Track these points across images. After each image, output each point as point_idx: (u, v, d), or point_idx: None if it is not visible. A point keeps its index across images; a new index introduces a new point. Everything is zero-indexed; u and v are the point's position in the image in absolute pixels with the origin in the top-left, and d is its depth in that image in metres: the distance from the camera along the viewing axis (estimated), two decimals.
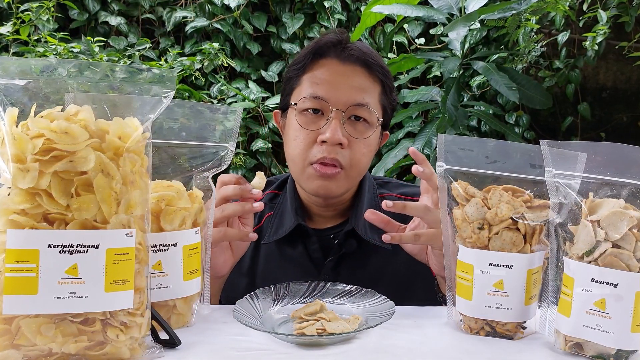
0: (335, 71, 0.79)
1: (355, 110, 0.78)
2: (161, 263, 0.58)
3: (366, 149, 0.81)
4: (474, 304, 0.60)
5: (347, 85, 0.79)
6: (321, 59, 0.81)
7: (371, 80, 0.81)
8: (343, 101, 0.78)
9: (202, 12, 2.23)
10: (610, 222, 0.52)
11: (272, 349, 0.55)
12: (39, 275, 0.45)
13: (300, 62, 0.82)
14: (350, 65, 0.80)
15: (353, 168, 0.80)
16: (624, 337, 0.51)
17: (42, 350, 0.45)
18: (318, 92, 0.78)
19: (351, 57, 0.80)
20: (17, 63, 0.48)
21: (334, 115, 0.77)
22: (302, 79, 0.81)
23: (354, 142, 0.79)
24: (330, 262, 0.83)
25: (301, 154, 0.79)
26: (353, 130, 0.79)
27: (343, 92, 0.78)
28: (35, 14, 1.80)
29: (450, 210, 0.63)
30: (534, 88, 1.81)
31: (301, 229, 0.85)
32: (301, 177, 0.81)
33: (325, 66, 0.80)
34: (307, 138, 0.79)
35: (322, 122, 0.78)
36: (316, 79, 0.79)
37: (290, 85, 0.84)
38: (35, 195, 0.45)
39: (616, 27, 2.14)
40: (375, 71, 0.81)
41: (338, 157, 0.77)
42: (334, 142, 0.76)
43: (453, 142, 0.63)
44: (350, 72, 0.79)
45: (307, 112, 0.79)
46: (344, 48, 0.80)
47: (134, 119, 0.51)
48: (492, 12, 1.64)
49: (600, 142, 0.56)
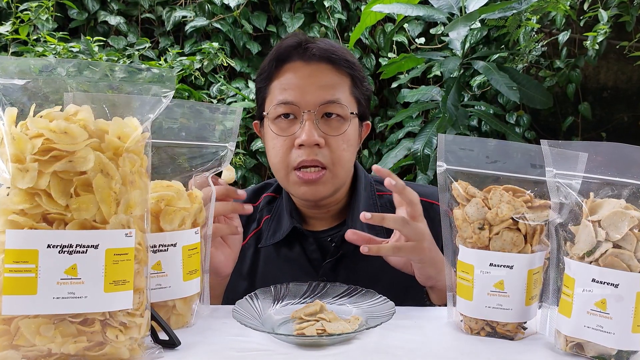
0: (301, 74, 0.79)
1: (326, 108, 0.79)
2: (161, 263, 0.58)
3: (345, 143, 0.80)
4: (474, 304, 0.60)
5: (314, 85, 0.79)
6: (285, 64, 0.81)
7: (338, 75, 0.81)
8: (313, 102, 0.78)
9: (201, 11, 2.23)
10: (611, 222, 0.52)
11: (272, 349, 0.54)
12: (38, 276, 0.45)
13: (266, 71, 0.82)
14: (315, 64, 0.80)
15: (336, 165, 0.80)
16: (625, 337, 0.51)
17: (42, 350, 0.45)
18: (287, 97, 0.78)
19: (314, 56, 0.79)
20: (16, 63, 0.48)
21: (306, 117, 0.77)
22: (270, 87, 0.82)
23: (331, 139, 0.79)
24: (328, 264, 0.83)
25: (281, 161, 0.80)
26: (328, 127, 0.79)
27: (312, 93, 0.78)
28: (35, 14, 1.80)
29: (451, 210, 0.63)
30: (535, 88, 1.80)
31: (297, 232, 0.85)
32: (287, 184, 0.82)
33: (290, 70, 0.80)
34: (285, 144, 0.79)
35: (296, 126, 0.79)
36: (283, 85, 0.80)
37: (261, 96, 0.84)
38: (35, 195, 0.45)
39: (617, 27, 2.13)
40: (341, 66, 0.81)
41: (318, 157, 0.78)
42: (311, 143, 0.77)
43: (453, 142, 0.63)
44: (315, 72, 0.79)
45: (280, 118, 0.80)
46: (306, 49, 0.80)
47: (133, 118, 0.51)
48: (492, 11, 1.64)
49: (601, 142, 0.56)
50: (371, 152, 2.40)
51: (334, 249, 0.84)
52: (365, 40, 2.35)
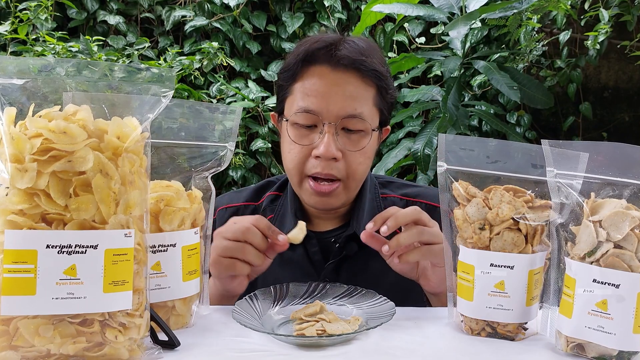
0: (327, 81, 0.76)
1: (348, 123, 0.77)
2: (160, 264, 0.58)
3: (362, 157, 0.79)
4: (474, 304, 0.59)
5: (338, 95, 0.76)
6: (311, 65, 0.78)
7: (364, 86, 0.78)
8: (335, 113, 0.76)
9: (201, 11, 2.23)
10: (612, 223, 0.52)
11: (272, 350, 0.54)
12: (37, 276, 0.45)
13: (291, 70, 0.79)
14: (341, 71, 0.77)
15: (350, 179, 0.79)
16: (626, 338, 0.51)
17: (41, 351, 0.45)
18: (310, 105, 0.76)
19: (342, 62, 0.76)
20: (15, 62, 0.48)
21: (326, 129, 0.75)
22: (294, 87, 0.79)
23: (349, 154, 0.77)
24: (331, 265, 0.83)
25: (296, 167, 0.79)
26: (347, 141, 0.77)
27: (335, 104, 0.76)
28: (34, 13, 1.80)
29: (451, 211, 0.62)
30: (536, 87, 1.80)
31: None
32: (299, 190, 0.81)
33: (316, 75, 0.77)
34: (301, 152, 0.78)
35: (315, 135, 0.77)
36: (307, 90, 0.77)
37: (282, 93, 0.82)
38: (34, 196, 0.45)
39: (618, 26, 2.13)
40: (369, 76, 0.78)
41: (333, 171, 0.77)
42: (328, 157, 0.75)
43: (454, 142, 0.62)
44: (341, 81, 0.76)
45: (299, 125, 0.78)
46: (335, 53, 0.77)
47: (132, 118, 0.51)
48: (493, 11, 1.64)
49: (602, 142, 0.55)
50: None
51: (338, 250, 0.83)
52: None
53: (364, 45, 0.79)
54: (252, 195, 0.91)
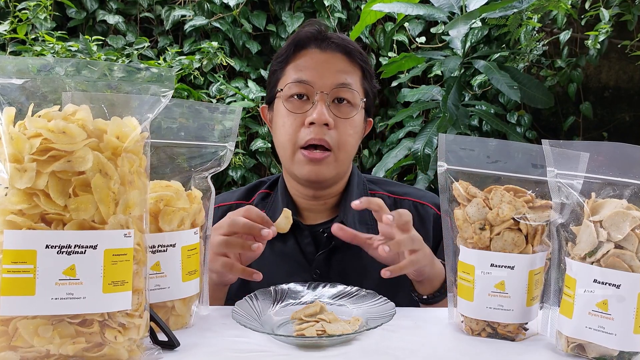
0: (318, 59, 0.84)
1: (339, 92, 0.83)
2: (160, 264, 0.58)
3: (352, 129, 0.84)
4: (475, 305, 0.59)
5: (329, 69, 0.83)
6: (302, 50, 0.85)
7: (352, 66, 0.86)
8: (327, 84, 0.82)
9: (200, 10, 2.22)
10: (613, 223, 0.52)
11: (272, 350, 0.54)
12: (37, 276, 0.45)
13: (283, 55, 0.86)
14: (331, 52, 0.85)
15: (341, 149, 0.83)
16: (627, 338, 0.51)
17: (40, 351, 0.45)
18: (302, 76, 0.83)
19: (331, 45, 0.85)
20: (14, 62, 0.48)
21: (318, 98, 0.81)
22: (286, 69, 0.86)
23: (340, 122, 0.83)
24: (321, 255, 0.85)
25: (290, 138, 0.83)
26: (338, 111, 0.83)
27: (326, 76, 0.82)
28: (33, 13, 1.79)
29: (451, 211, 0.62)
30: (536, 87, 1.80)
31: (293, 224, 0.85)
32: (291, 163, 0.85)
33: (308, 55, 0.85)
34: (295, 122, 0.82)
35: (308, 106, 0.83)
36: (299, 67, 0.84)
37: (275, 77, 0.88)
38: (33, 196, 0.45)
39: (618, 26, 2.13)
40: (355, 57, 0.86)
41: (326, 137, 0.81)
42: (321, 122, 0.80)
43: (454, 141, 0.62)
44: (331, 59, 0.84)
45: (293, 98, 0.83)
46: (324, 38, 0.85)
47: (132, 118, 0.51)
48: (493, 10, 1.64)
49: (602, 141, 0.55)
50: (371, 152, 2.40)
51: (327, 239, 0.85)
52: (365, 39, 2.35)
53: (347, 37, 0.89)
54: (244, 194, 0.94)
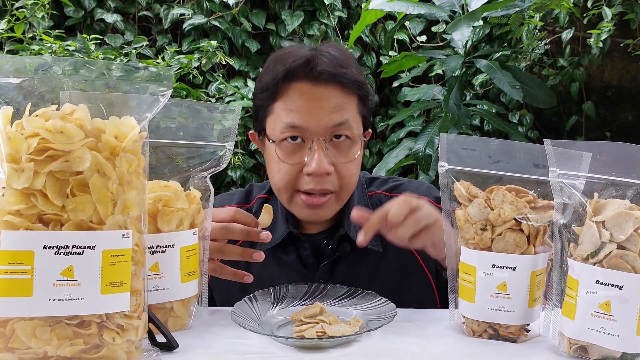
0: (309, 96, 0.75)
1: (336, 131, 0.76)
2: (158, 265, 0.58)
3: (354, 167, 0.79)
4: (476, 306, 0.59)
5: (323, 109, 0.75)
6: (291, 82, 0.76)
7: (346, 96, 0.77)
8: (322, 127, 0.75)
9: (199, 9, 2.22)
10: (616, 223, 0.52)
11: (272, 352, 0.54)
12: (34, 277, 0.44)
13: (270, 89, 0.77)
14: (323, 86, 0.75)
15: (343, 190, 0.79)
16: (629, 340, 0.50)
17: (37, 353, 0.45)
18: (295, 120, 0.75)
19: (322, 77, 0.75)
20: (11, 61, 0.48)
21: (315, 145, 0.74)
22: (274, 106, 0.77)
23: (341, 166, 0.77)
24: (325, 266, 0.83)
25: (287, 185, 0.77)
26: (337, 153, 0.77)
27: (321, 117, 0.75)
28: (30, 11, 1.78)
29: (453, 211, 0.62)
30: (538, 86, 1.79)
31: (292, 236, 0.85)
32: (290, 205, 0.81)
33: (297, 91, 0.75)
34: (292, 170, 0.76)
35: (304, 151, 0.76)
36: (289, 106, 0.75)
37: (262, 113, 0.80)
38: (30, 196, 0.45)
39: (621, 25, 2.12)
40: (350, 86, 0.77)
41: (327, 186, 0.76)
42: (320, 173, 0.75)
43: (455, 141, 0.62)
44: (324, 95, 0.75)
45: (286, 141, 0.76)
46: (314, 68, 0.75)
47: (130, 118, 0.50)
48: (495, 9, 1.63)
49: (605, 141, 0.55)
50: (372, 151, 2.39)
51: (330, 251, 0.83)
52: (365, 38, 2.34)
53: (340, 56, 0.78)
54: (243, 197, 0.91)
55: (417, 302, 0.72)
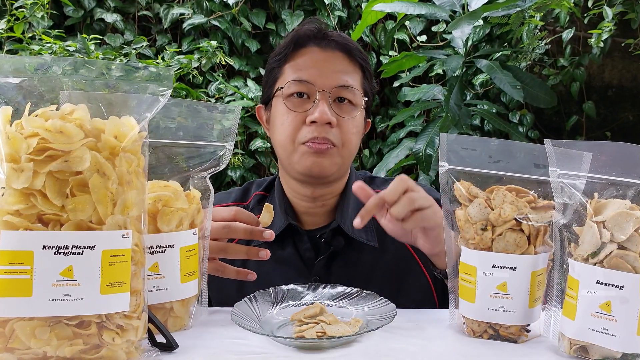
0: (318, 58, 0.82)
1: (341, 92, 0.81)
2: (158, 265, 0.58)
3: (355, 128, 0.83)
4: (477, 306, 0.59)
5: (330, 69, 0.81)
6: (302, 48, 0.83)
7: (352, 65, 0.83)
8: (328, 83, 0.80)
9: (199, 9, 2.21)
10: (616, 223, 0.51)
11: (271, 352, 0.54)
12: (34, 277, 0.44)
13: (282, 53, 0.84)
14: (330, 51, 0.82)
15: (344, 146, 0.82)
16: (630, 340, 0.50)
17: (37, 353, 0.45)
18: (303, 76, 0.80)
19: (331, 43, 0.82)
20: (11, 61, 0.47)
21: (320, 96, 0.79)
22: (284, 68, 0.83)
23: (342, 121, 0.81)
24: (321, 261, 0.83)
25: (290, 136, 0.81)
26: (340, 110, 0.81)
27: (327, 75, 0.80)
28: (30, 11, 1.78)
29: (453, 211, 0.62)
30: (539, 86, 1.79)
31: (292, 229, 0.85)
32: (292, 158, 0.81)
33: (307, 54, 0.82)
34: (295, 120, 0.80)
35: (308, 105, 0.80)
36: (299, 66, 0.82)
37: (272, 76, 0.85)
38: (30, 196, 0.45)
39: (622, 24, 2.11)
40: (356, 56, 0.84)
41: (329, 135, 0.79)
42: (324, 121, 0.78)
43: (456, 141, 0.62)
44: (331, 58, 0.82)
45: (293, 96, 0.81)
46: (324, 36, 0.83)
47: (130, 117, 0.50)
48: (495, 9, 1.63)
49: (605, 141, 0.55)
50: (372, 151, 2.39)
51: (325, 245, 0.84)
52: (366, 38, 2.34)
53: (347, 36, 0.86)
54: (240, 195, 0.93)
55: (416, 303, 0.72)
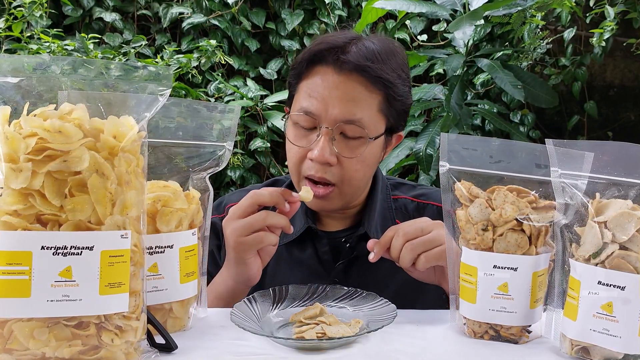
0: (329, 83, 0.75)
1: (345, 128, 0.75)
2: (157, 265, 0.57)
3: (360, 164, 0.77)
4: (477, 307, 0.59)
5: (339, 98, 0.74)
6: (316, 65, 0.77)
7: (369, 91, 0.75)
8: (333, 118, 0.74)
9: (199, 8, 2.21)
10: (618, 224, 0.51)
11: (271, 353, 0.54)
12: (32, 278, 0.44)
13: (298, 68, 0.79)
14: (346, 74, 0.74)
15: (345, 184, 0.78)
16: (632, 341, 0.50)
17: (35, 354, 0.44)
18: (309, 107, 0.76)
19: (347, 65, 0.74)
20: (9, 60, 0.47)
21: (323, 132, 0.75)
22: (300, 86, 0.79)
23: (345, 160, 0.76)
24: (341, 265, 0.83)
25: (294, 167, 0.79)
26: (344, 147, 0.76)
27: (334, 108, 0.74)
28: (28, 10, 1.77)
29: (454, 211, 0.61)
30: (540, 86, 1.78)
31: (311, 232, 0.84)
32: (298, 187, 0.82)
33: (320, 75, 0.76)
34: (299, 153, 0.78)
35: (313, 136, 0.76)
36: (309, 90, 0.76)
37: (291, 90, 0.83)
38: (28, 196, 0.45)
39: (624, 24, 2.11)
40: (374, 83, 0.75)
41: (326, 176, 0.76)
42: (321, 161, 0.75)
43: (456, 141, 0.61)
44: (343, 85, 0.74)
45: (299, 125, 0.78)
46: (340, 56, 0.74)
47: (129, 117, 0.50)
48: (496, 8, 1.62)
49: (607, 141, 0.55)
50: None
51: (348, 250, 0.83)
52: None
53: (376, 49, 0.76)
54: None
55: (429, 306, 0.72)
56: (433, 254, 0.66)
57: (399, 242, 0.67)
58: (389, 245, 0.69)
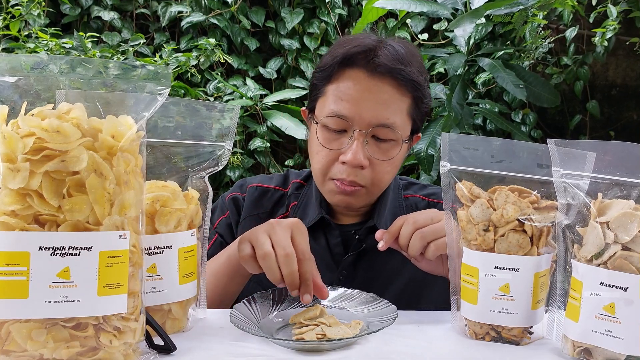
0: (361, 86, 0.75)
1: (378, 132, 0.76)
2: (156, 266, 0.57)
3: (390, 166, 0.79)
4: (479, 308, 0.58)
5: (372, 102, 0.75)
6: (347, 68, 0.76)
7: (399, 95, 0.76)
8: (366, 121, 0.75)
9: (198, 6, 2.20)
10: (620, 224, 0.51)
11: (271, 354, 0.53)
12: (30, 279, 0.44)
13: (327, 70, 0.78)
14: (378, 78, 0.75)
15: (374, 186, 0.79)
16: (635, 342, 0.50)
17: (33, 356, 0.44)
18: (342, 110, 0.75)
19: (379, 69, 0.74)
20: (7, 59, 0.47)
21: (356, 135, 0.75)
22: (327, 89, 0.78)
23: (377, 162, 0.77)
24: (350, 257, 0.83)
25: (322, 169, 0.79)
26: (376, 150, 0.77)
27: (367, 111, 0.74)
28: (26, 9, 1.77)
29: (455, 212, 0.61)
30: (542, 85, 1.77)
31: (324, 222, 0.85)
32: (322, 189, 0.82)
33: (352, 79, 0.76)
34: (329, 156, 0.78)
35: (344, 140, 0.76)
36: (340, 94, 0.76)
37: (315, 92, 0.81)
38: (26, 196, 0.44)
39: (626, 23, 2.10)
40: (405, 85, 0.76)
41: (357, 179, 0.76)
42: (355, 164, 0.75)
43: (457, 141, 0.61)
44: (376, 88, 0.75)
45: (329, 129, 0.77)
46: (373, 59, 0.75)
47: (127, 117, 0.50)
48: (498, 7, 1.62)
49: (609, 141, 0.54)
50: None
51: (357, 242, 0.84)
52: None
53: (403, 52, 0.77)
54: (281, 181, 0.92)
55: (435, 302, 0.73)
56: (442, 242, 0.65)
57: (408, 230, 0.67)
58: (397, 234, 0.68)
